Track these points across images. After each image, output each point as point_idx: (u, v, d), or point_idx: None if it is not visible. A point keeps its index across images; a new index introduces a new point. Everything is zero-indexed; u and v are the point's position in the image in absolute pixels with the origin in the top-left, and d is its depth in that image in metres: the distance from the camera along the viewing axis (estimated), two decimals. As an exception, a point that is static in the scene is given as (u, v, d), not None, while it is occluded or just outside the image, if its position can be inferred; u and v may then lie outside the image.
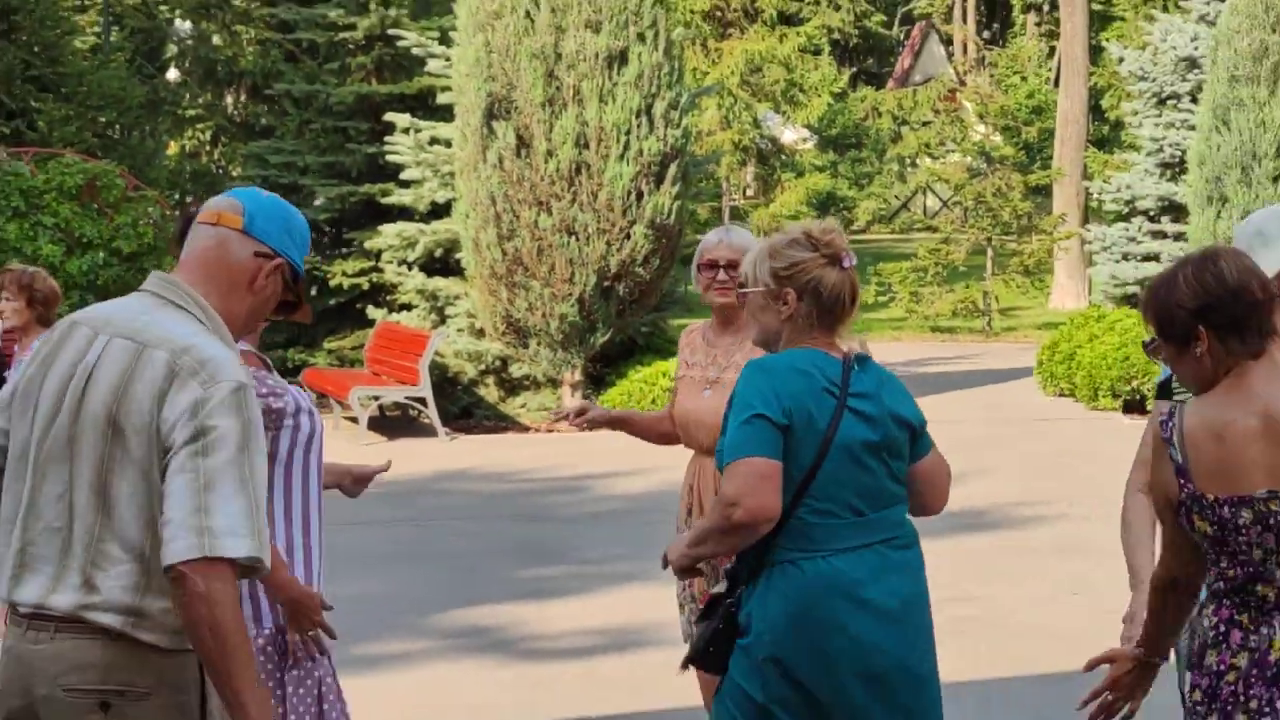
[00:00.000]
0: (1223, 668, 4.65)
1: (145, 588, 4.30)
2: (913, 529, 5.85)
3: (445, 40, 23.98)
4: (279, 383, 6.26)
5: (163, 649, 4.36)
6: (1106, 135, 36.40)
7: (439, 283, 24.00)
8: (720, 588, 5.91)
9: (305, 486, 6.32)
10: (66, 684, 4.34)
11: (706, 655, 5.84)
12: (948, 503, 6.13)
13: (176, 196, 32.92)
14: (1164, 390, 5.89)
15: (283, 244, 4.73)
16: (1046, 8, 56.33)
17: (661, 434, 8.45)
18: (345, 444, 21.41)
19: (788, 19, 57.56)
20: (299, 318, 5.00)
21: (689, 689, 7.70)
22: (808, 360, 5.72)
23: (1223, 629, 4.68)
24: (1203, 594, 4.80)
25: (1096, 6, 38.29)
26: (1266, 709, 4.59)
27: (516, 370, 23.21)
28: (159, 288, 4.58)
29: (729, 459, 5.59)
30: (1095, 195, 29.95)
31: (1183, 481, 4.55)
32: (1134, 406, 23.21)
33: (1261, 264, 5.47)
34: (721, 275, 7.79)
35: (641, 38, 21.66)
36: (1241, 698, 4.59)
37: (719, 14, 52.12)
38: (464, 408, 23.26)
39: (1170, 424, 4.66)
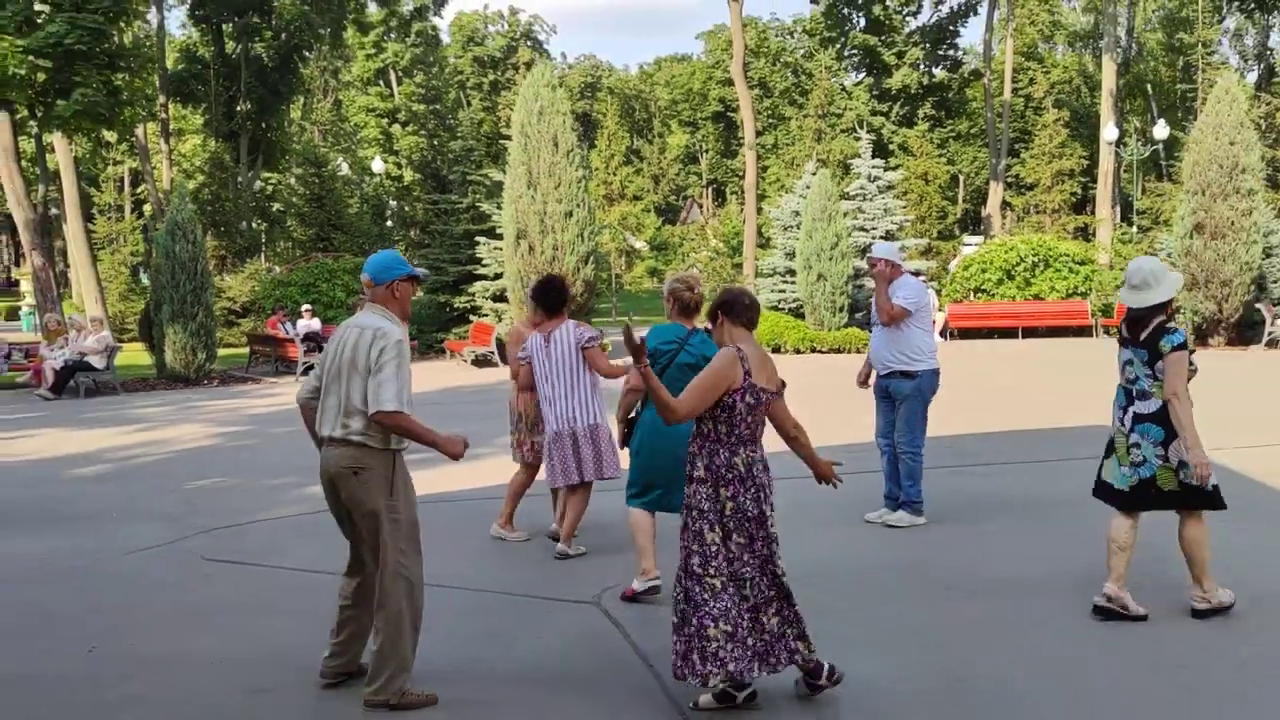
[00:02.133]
0: (758, 465, 4.45)
1: (368, 424, 4.46)
2: None
3: (500, 207, 23.64)
4: (597, 329, 6.84)
5: (376, 449, 4.50)
6: (764, 242, 36.52)
7: (500, 306, 23.60)
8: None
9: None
10: (341, 465, 4.52)
11: (626, 441, 6.05)
12: None
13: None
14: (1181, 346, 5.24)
15: (390, 273, 4.69)
16: (739, 193, 56.04)
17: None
18: (461, 370, 21.12)
19: (637, 198, 57.47)
20: (425, 280, 5.02)
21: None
22: (673, 329, 5.91)
23: (755, 453, 4.47)
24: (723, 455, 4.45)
25: (759, 193, 38.14)
26: (769, 481, 4.49)
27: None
28: (368, 308, 4.69)
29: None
30: (760, 268, 29.78)
31: (747, 376, 4.39)
32: (777, 350, 23.03)
33: (1149, 298, 5.31)
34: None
35: (578, 205, 21.39)
36: (765, 473, 4.48)
37: (608, 195, 52.00)
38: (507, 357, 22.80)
39: (741, 352, 4.41)
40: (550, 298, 6.78)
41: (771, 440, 4.58)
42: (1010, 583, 6.11)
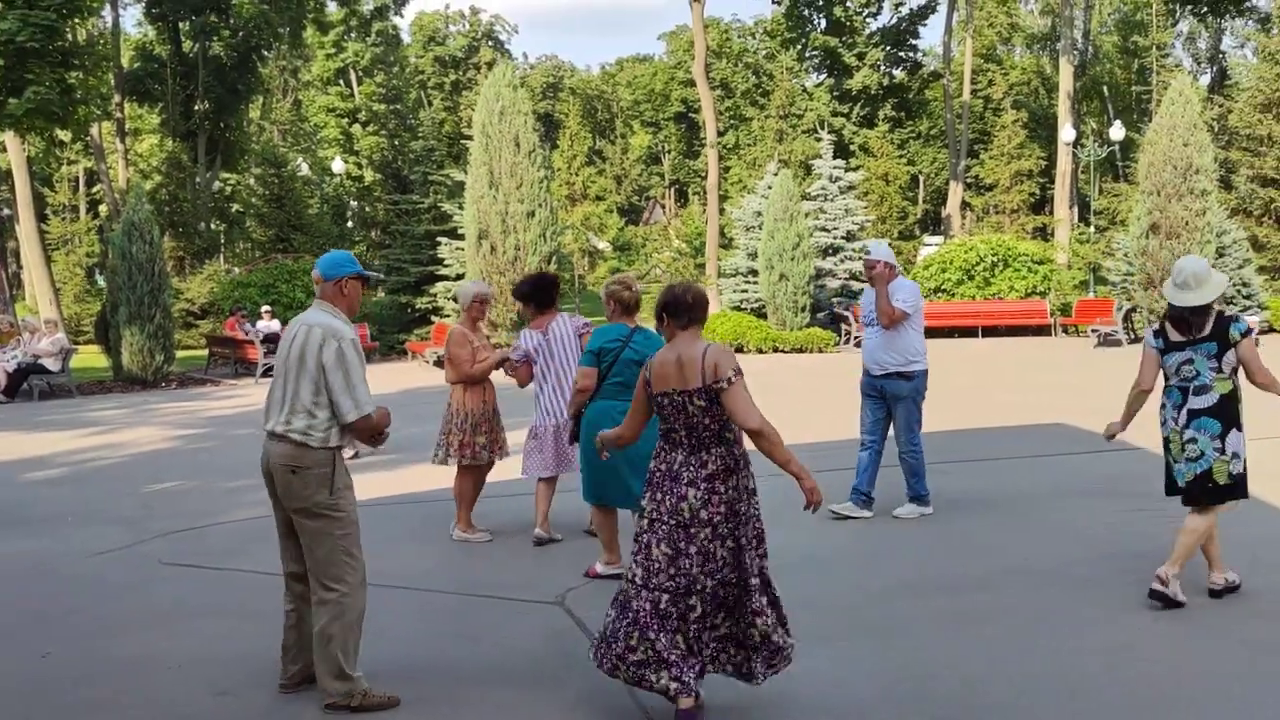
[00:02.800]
0: (662, 466, 4.29)
1: (310, 423, 4.43)
2: None
3: (461, 207, 23.55)
4: (586, 321, 7.08)
5: (316, 447, 4.45)
6: (727, 243, 36.53)
7: (460, 306, 23.60)
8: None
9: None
10: (279, 461, 4.48)
11: (576, 437, 6.25)
12: None
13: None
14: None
15: (338, 271, 4.65)
16: (702, 194, 56.17)
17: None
18: (423, 370, 21.00)
19: (600, 198, 57.45)
20: (375, 284, 5.11)
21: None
22: (617, 328, 6.15)
23: (664, 453, 4.30)
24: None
25: (722, 193, 38.18)
26: (672, 487, 4.22)
27: (494, 340, 22.48)
28: (317, 305, 4.65)
29: (581, 365, 6.11)
30: (722, 268, 29.81)
31: (649, 382, 4.33)
32: (740, 350, 23.11)
33: (1192, 299, 5.41)
34: (483, 308, 7.50)
35: (540, 205, 21.38)
36: (667, 479, 4.24)
37: (571, 195, 51.94)
38: (472, 356, 22.64)
39: (649, 362, 4.39)
40: (545, 294, 7.08)
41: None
42: (973, 579, 6.17)
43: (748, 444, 4.34)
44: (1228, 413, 5.43)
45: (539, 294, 7.04)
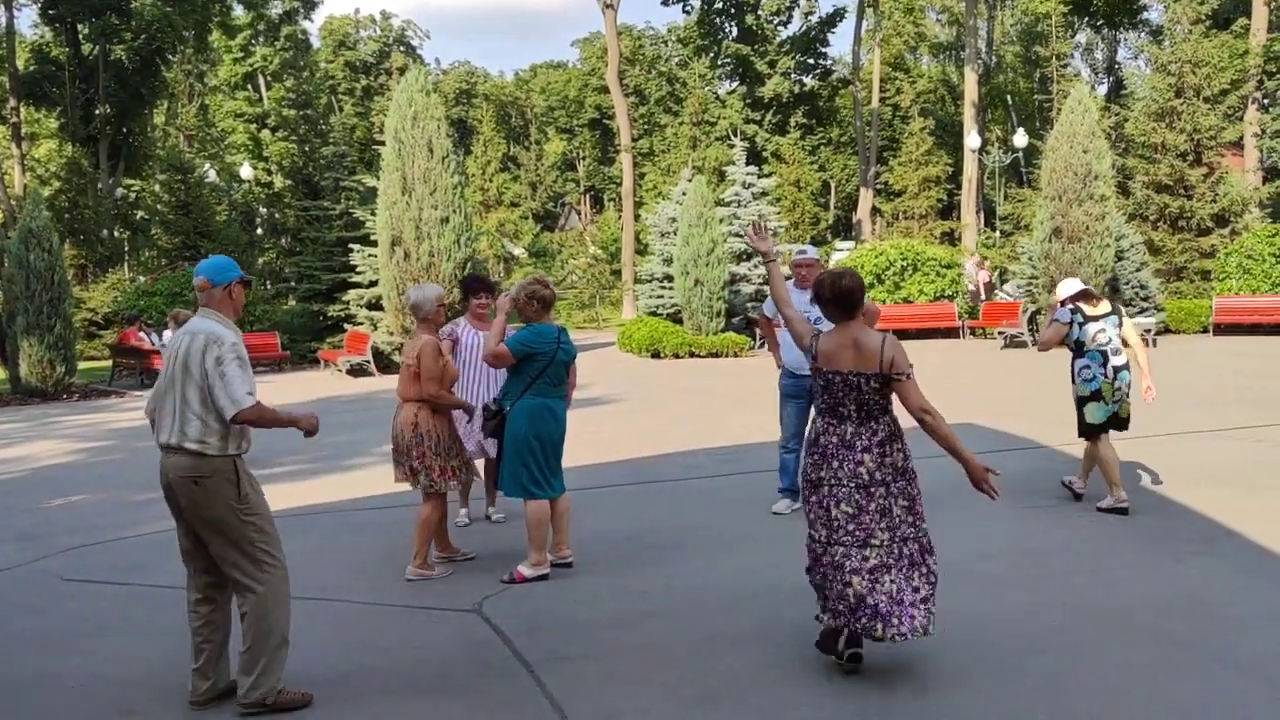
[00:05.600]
0: (824, 440, 4.79)
1: (204, 431, 4.42)
2: (564, 390, 6.52)
3: (374, 213, 23.22)
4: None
5: (215, 455, 4.45)
6: (642, 249, 36.50)
7: (375, 314, 23.03)
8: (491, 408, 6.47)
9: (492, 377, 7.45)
10: (179, 474, 4.45)
11: (496, 431, 6.38)
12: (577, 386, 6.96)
13: (267, 282, 31.63)
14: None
15: (223, 277, 4.63)
16: (617, 200, 56.30)
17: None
18: (336, 379, 20.69)
19: (515, 204, 57.15)
20: (251, 286, 5.07)
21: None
22: (547, 329, 6.39)
23: (824, 426, 4.82)
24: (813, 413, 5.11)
25: (637, 200, 38.26)
26: (848, 455, 4.72)
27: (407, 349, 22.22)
28: (202, 313, 4.60)
29: (509, 348, 6.26)
30: (638, 274, 29.75)
31: (814, 360, 4.81)
32: (656, 355, 23.23)
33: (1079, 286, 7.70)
34: (444, 311, 7.20)
35: (454, 211, 21.18)
36: (841, 448, 4.74)
37: (485, 201, 51.56)
38: (383, 366, 22.13)
39: (815, 338, 4.86)
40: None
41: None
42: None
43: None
44: (1131, 366, 7.59)
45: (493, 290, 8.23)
